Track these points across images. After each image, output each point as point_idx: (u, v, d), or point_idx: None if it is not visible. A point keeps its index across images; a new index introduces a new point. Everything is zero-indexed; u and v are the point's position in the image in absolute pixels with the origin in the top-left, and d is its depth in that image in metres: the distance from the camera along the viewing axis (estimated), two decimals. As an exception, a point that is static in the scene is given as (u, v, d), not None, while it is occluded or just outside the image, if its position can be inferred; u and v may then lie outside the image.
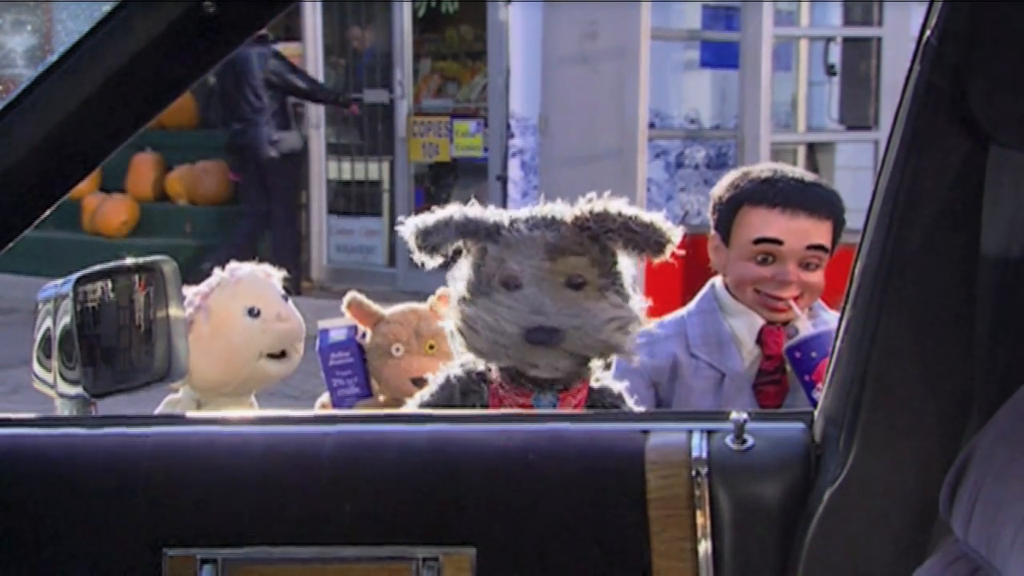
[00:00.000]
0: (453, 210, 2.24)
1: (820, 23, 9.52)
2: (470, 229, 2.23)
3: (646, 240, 2.19)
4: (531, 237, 2.20)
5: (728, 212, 2.82)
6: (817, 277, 2.79)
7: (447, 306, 2.72)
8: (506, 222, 2.23)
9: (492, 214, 2.25)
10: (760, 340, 2.82)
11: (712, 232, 2.87)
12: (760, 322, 2.81)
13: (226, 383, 2.80)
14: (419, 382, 2.53)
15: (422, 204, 10.64)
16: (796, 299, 2.78)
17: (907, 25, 8.34)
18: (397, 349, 2.76)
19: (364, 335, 2.87)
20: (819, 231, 2.78)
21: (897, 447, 1.80)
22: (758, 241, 2.76)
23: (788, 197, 2.77)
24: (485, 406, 2.26)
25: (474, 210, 2.24)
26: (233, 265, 2.89)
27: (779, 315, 2.80)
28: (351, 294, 2.87)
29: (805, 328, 2.81)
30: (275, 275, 2.91)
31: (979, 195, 1.74)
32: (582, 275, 2.18)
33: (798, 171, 2.91)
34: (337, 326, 2.90)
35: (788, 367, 2.81)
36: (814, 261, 2.78)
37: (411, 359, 2.76)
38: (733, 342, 2.82)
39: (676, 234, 2.21)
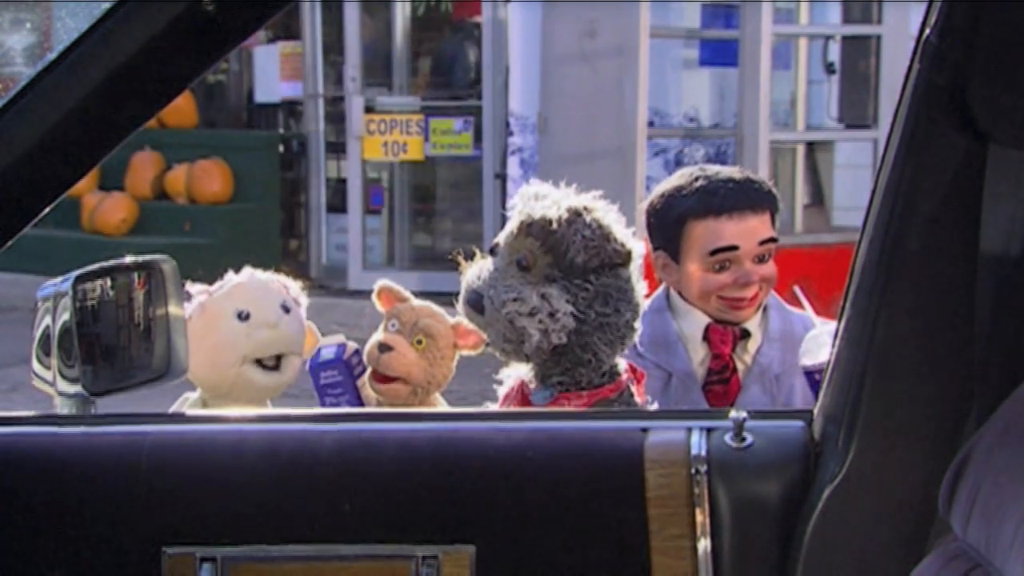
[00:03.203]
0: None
1: (819, 21, 9.50)
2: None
3: (571, 240, 2.23)
4: (522, 211, 2.28)
5: (673, 230, 2.80)
6: (771, 268, 2.82)
7: (384, 301, 2.80)
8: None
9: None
10: (707, 338, 2.83)
11: (656, 252, 2.86)
12: (706, 321, 2.83)
13: (215, 385, 2.78)
14: (383, 347, 2.77)
15: (380, 203, 10.59)
16: (758, 294, 2.81)
17: (906, 23, 8.33)
18: (393, 324, 2.82)
19: (357, 352, 2.88)
20: (765, 225, 2.80)
21: (896, 445, 1.80)
22: (715, 252, 2.77)
23: (732, 202, 2.78)
24: None
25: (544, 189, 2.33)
26: (249, 271, 2.87)
27: (745, 313, 2.82)
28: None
29: (755, 328, 2.83)
30: (291, 286, 2.87)
31: (978, 193, 1.74)
32: (527, 258, 2.24)
33: (724, 169, 2.91)
34: (328, 344, 2.91)
35: (745, 370, 2.83)
36: (767, 254, 2.81)
37: (396, 337, 2.80)
38: (680, 342, 2.83)
39: (610, 250, 2.24)
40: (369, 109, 10.43)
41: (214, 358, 2.73)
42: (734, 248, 2.77)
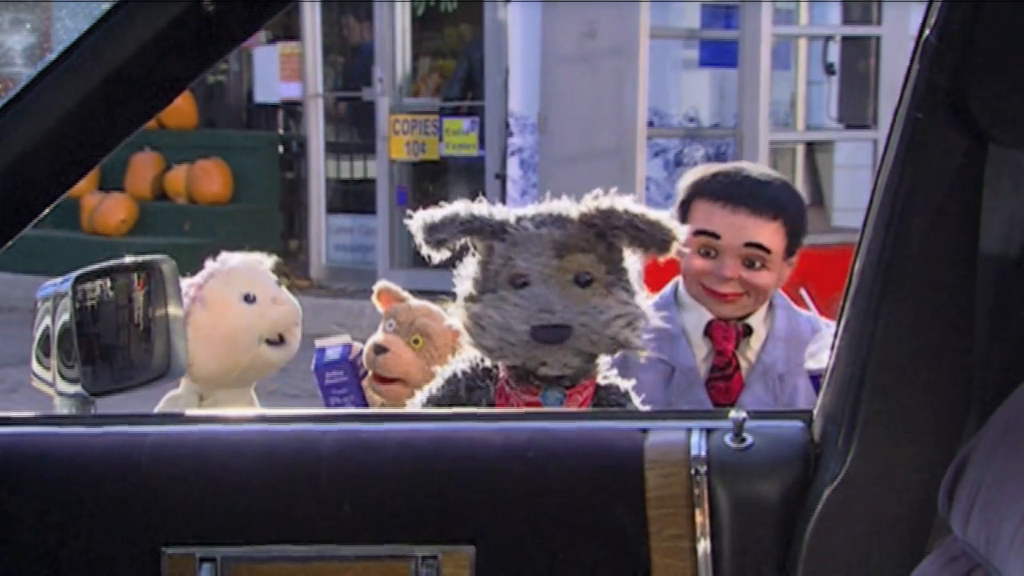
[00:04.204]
0: (460, 206, 2.24)
1: (819, 22, 9.50)
2: (475, 226, 2.23)
3: (651, 238, 2.20)
4: (538, 235, 2.20)
5: (684, 206, 2.86)
6: (763, 278, 2.80)
7: (384, 302, 2.78)
8: (512, 220, 2.24)
9: (498, 211, 2.25)
10: (709, 334, 2.83)
11: None
12: (709, 316, 2.83)
13: (228, 372, 2.81)
14: (379, 349, 2.78)
15: (405, 203, 10.62)
16: (740, 296, 2.80)
17: (906, 24, 8.33)
18: (390, 324, 2.83)
19: (361, 353, 2.89)
20: (761, 230, 2.79)
21: (896, 446, 1.80)
22: (698, 233, 2.78)
23: (731, 192, 2.79)
24: (491, 403, 2.26)
25: (480, 207, 2.25)
26: (224, 255, 2.91)
27: (723, 308, 2.82)
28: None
29: (759, 325, 2.83)
30: (266, 262, 2.93)
31: (978, 194, 1.74)
32: (589, 272, 2.19)
33: (762, 171, 2.91)
34: (333, 344, 2.92)
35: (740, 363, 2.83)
36: (757, 260, 2.79)
37: (392, 337, 2.81)
38: (684, 336, 2.83)
39: (681, 232, 2.22)
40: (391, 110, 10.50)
41: (230, 345, 2.77)
42: (715, 236, 2.77)
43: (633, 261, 2.26)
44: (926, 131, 1.73)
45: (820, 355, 2.54)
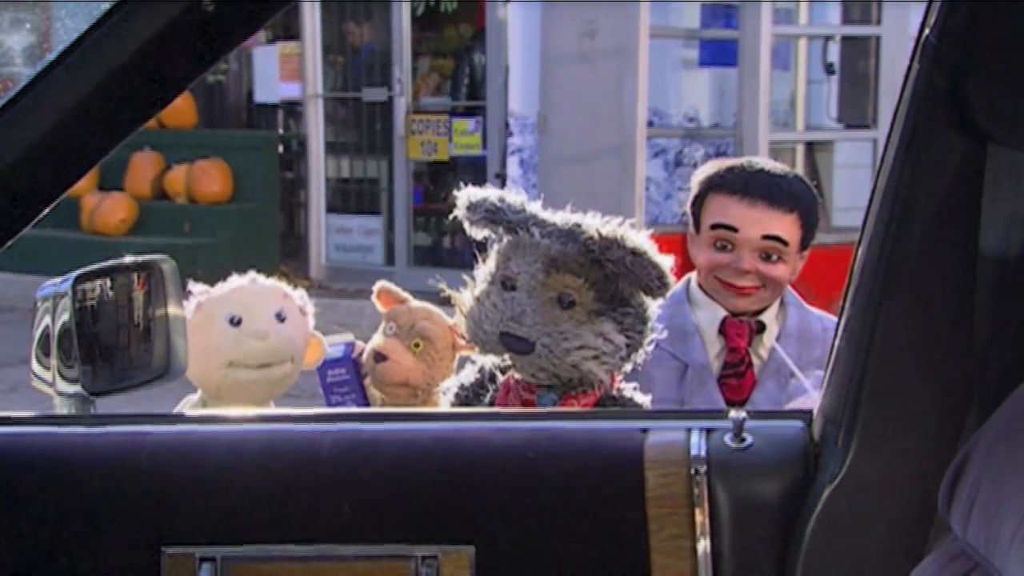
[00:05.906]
0: (497, 192, 2.25)
1: (819, 22, 9.51)
2: (495, 217, 2.23)
3: (638, 279, 2.16)
4: (536, 244, 2.19)
5: (698, 199, 2.86)
6: (779, 271, 2.79)
7: (384, 302, 2.77)
8: (532, 221, 2.22)
9: (527, 207, 2.24)
10: (723, 331, 2.83)
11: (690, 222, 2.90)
12: (723, 313, 2.83)
13: (203, 384, 2.78)
14: (379, 357, 2.81)
15: (420, 203, 10.64)
16: (757, 289, 2.80)
17: (906, 24, 8.34)
18: (391, 328, 2.82)
19: (363, 353, 2.88)
20: (778, 223, 2.78)
21: (896, 445, 1.80)
22: (715, 227, 2.78)
23: (747, 185, 2.79)
24: (492, 402, 2.27)
25: (512, 197, 2.24)
26: (252, 275, 2.86)
27: (739, 302, 2.82)
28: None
29: (772, 322, 2.83)
30: (294, 295, 2.83)
31: (978, 193, 1.74)
32: (572, 295, 2.17)
33: (774, 165, 2.90)
34: (335, 343, 2.90)
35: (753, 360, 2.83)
36: (773, 252, 2.78)
37: (392, 342, 2.80)
38: (697, 333, 2.83)
39: (670, 284, 2.19)
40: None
41: (202, 359, 2.71)
42: (732, 229, 2.77)
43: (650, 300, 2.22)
44: (926, 131, 1.73)
45: (798, 401, 2.54)
